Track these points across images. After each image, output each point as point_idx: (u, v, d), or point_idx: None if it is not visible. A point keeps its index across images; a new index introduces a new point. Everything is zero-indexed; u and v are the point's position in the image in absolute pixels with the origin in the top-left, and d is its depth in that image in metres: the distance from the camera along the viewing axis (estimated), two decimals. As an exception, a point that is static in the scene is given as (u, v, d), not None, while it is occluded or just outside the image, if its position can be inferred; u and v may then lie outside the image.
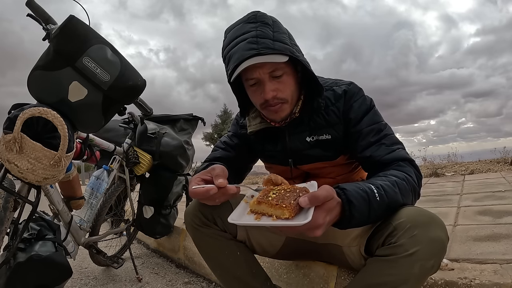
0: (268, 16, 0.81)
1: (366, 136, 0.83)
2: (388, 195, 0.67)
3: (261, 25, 0.79)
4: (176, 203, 1.87)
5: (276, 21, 0.82)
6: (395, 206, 0.69)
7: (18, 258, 0.98)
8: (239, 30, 0.80)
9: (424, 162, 5.68)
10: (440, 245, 0.63)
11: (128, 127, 1.69)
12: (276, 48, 0.76)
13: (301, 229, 0.58)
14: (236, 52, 0.78)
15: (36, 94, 0.96)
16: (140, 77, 1.10)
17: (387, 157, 0.78)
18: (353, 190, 0.64)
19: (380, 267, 0.65)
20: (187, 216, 0.90)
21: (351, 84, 0.89)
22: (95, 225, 1.54)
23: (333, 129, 0.87)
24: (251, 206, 0.63)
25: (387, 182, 0.69)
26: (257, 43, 0.76)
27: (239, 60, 0.76)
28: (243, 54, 0.76)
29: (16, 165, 0.88)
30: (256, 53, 0.75)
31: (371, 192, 0.65)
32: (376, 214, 0.66)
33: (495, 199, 1.86)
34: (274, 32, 0.79)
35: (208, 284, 1.51)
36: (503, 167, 3.59)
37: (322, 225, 0.59)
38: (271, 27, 0.79)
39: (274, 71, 0.79)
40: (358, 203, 0.63)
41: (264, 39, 0.76)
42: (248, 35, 0.77)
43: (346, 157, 0.91)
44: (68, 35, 0.94)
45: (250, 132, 0.94)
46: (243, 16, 0.83)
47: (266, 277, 0.92)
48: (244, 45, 0.76)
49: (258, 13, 0.82)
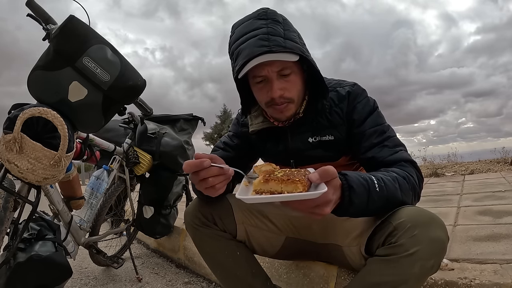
0: (278, 14, 0.81)
1: (369, 138, 0.82)
2: (388, 188, 0.67)
3: (272, 22, 0.77)
4: (176, 203, 1.87)
5: (286, 20, 0.81)
6: (394, 202, 0.69)
7: (18, 258, 0.98)
8: (248, 26, 0.78)
9: (424, 162, 5.67)
10: (440, 245, 0.63)
11: (128, 127, 1.69)
12: (288, 46, 0.75)
13: (314, 204, 0.57)
14: (246, 48, 0.76)
15: (36, 94, 0.96)
16: (140, 77, 1.10)
17: (390, 158, 0.78)
18: (354, 176, 0.65)
19: (380, 267, 0.65)
20: (187, 216, 0.90)
21: (355, 85, 0.89)
22: (95, 225, 1.54)
23: (336, 130, 0.87)
24: (256, 186, 0.58)
25: (388, 177, 0.70)
26: (269, 40, 0.74)
27: (249, 57, 0.74)
28: (254, 50, 0.74)
29: (16, 165, 0.88)
30: (268, 50, 0.73)
31: (371, 181, 0.66)
32: (375, 205, 0.66)
33: (495, 199, 1.86)
34: (285, 30, 0.78)
35: (208, 284, 1.51)
36: (503, 167, 3.59)
37: (331, 202, 0.59)
38: (281, 25, 0.78)
39: (282, 69, 0.78)
40: (359, 189, 0.63)
41: (276, 37, 0.75)
42: (259, 32, 0.76)
43: (347, 158, 0.91)
44: (68, 35, 0.94)
45: (252, 131, 0.93)
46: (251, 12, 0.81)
47: (266, 277, 0.92)
48: (255, 41, 0.75)
49: (268, 10, 0.80)
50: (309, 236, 0.95)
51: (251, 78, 0.83)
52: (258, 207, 0.96)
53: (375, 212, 0.70)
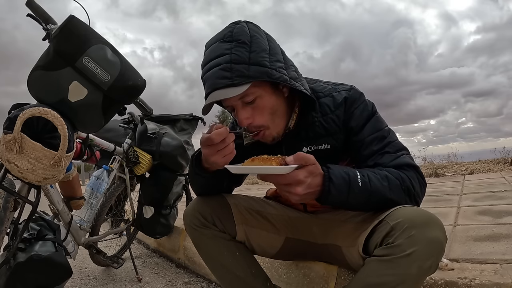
0: (245, 32, 0.76)
1: (369, 145, 0.80)
2: (372, 184, 0.70)
3: (236, 46, 0.74)
4: (176, 203, 1.87)
5: (255, 36, 0.76)
6: (380, 198, 0.71)
7: (18, 258, 0.98)
8: (214, 50, 0.76)
9: (424, 162, 5.67)
10: (438, 246, 0.63)
11: (128, 127, 1.69)
12: (251, 75, 0.72)
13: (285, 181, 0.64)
14: (209, 78, 0.74)
15: (36, 94, 0.96)
16: (140, 77, 1.10)
17: (391, 164, 0.77)
18: (337, 170, 0.70)
19: (377, 267, 0.65)
20: (186, 217, 0.90)
21: (352, 89, 0.86)
22: (95, 225, 1.54)
23: (332, 138, 0.85)
24: (245, 163, 0.70)
25: (376, 174, 0.72)
26: (231, 71, 0.72)
27: (211, 88, 0.73)
28: (216, 82, 0.73)
29: (16, 165, 0.88)
30: (230, 84, 0.72)
31: (353, 175, 0.70)
32: (357, 199, 0.70)
33: (495, 199, 1.86)
34: (251, 53, 0.74)
35: (208, 284, 1.51)
36: (503, 167, 3.59)
37: (302, 183, 0.64)
38: (248, 46, 0.74)
39: (244, 97, 0.76)
40: (338, 181, 0.68)
41: (239, 65, 0.72)
42: (222, 60, 0.73)
43: (345, 163, 0.89)
44: (68, 35, 0.94)
45: (247, 144, 0.90)
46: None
47: (266, 277, 0.92)
48: (217, 72, 0.73)
49: (235, 28, 0.76)
50: (308, 236, 0.94)
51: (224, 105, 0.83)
52: (258, 207, 0.97)
53: (362, 207, 0.74)
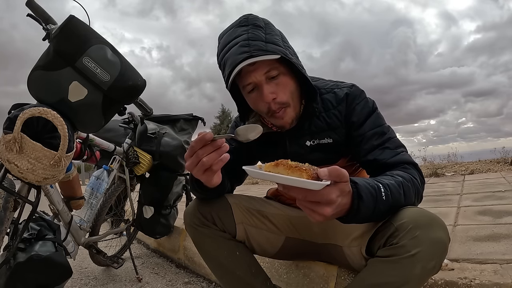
0: (260, 19, 0.81)
1: (369, 140, 0.82)
2: (393, 196, 0.66)
3: (252, 28, 0.78)
4: (176, 203, 1.87)
5: (269, 23, 0.81)
6: (396, 207, 0.69)
7: (18, 258, 0.98)
8: (231, 34, 0.80)
9: (424, 162, 5.68)
10: (441, 246, 0.63)
11: (128, 127, 1.69)
12: (269, 49, 0.75)
13: (314, 198, 0.55)
14: (229, 57, 0.77)
15: (36, 94, 0.96)
16: (140, 77, 1.10)
17: (392, 160, 0.78)
18: (363, 185, 0.62)
19: (381, 267, 0.65)
20: (186, 216, 0.90)
21: (353, 86, 0.88)
22: (95, 225, 1.54)
23: (334, 133, 0.86)
24: (266, 167, 0.59)
25: (393, 182, 0.68)
26: (249, 46, 0.75)
27: (233, 66, 0.75)
28: (236, 58, 0.75)
29: (16, 165, 0.88)
30: (248, 56, 0.74)
31: (378, 190, 0.64)
32: (380, 213, 0.66)
33: (495, 199, 1.86)
34: (267, 34, 0.78)
35: (208, 284, 1.51)
36: (503, 167, 3.59)
37: (334, 203, 0.56)
38: (263, 29, 0.79)
39: (269, 71, 0.78)
40: (367, 198, 0.61)
41: (256, 41, 0.76)
42: (240, 39, 0.77)
43: (346, 159, 0.91)
44: (68, 35, 0.94)
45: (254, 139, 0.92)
46: (235, 19, 0.82)
47: (265, 277, 0.92)
48: (236, 49, 0.76)
49: (250, 16, 0.81)
50: (309, 236, 0.95)
51: (242, 89, 0.83)
52: (258, 207, 0.97)
53: (378, 219, 0.69)
